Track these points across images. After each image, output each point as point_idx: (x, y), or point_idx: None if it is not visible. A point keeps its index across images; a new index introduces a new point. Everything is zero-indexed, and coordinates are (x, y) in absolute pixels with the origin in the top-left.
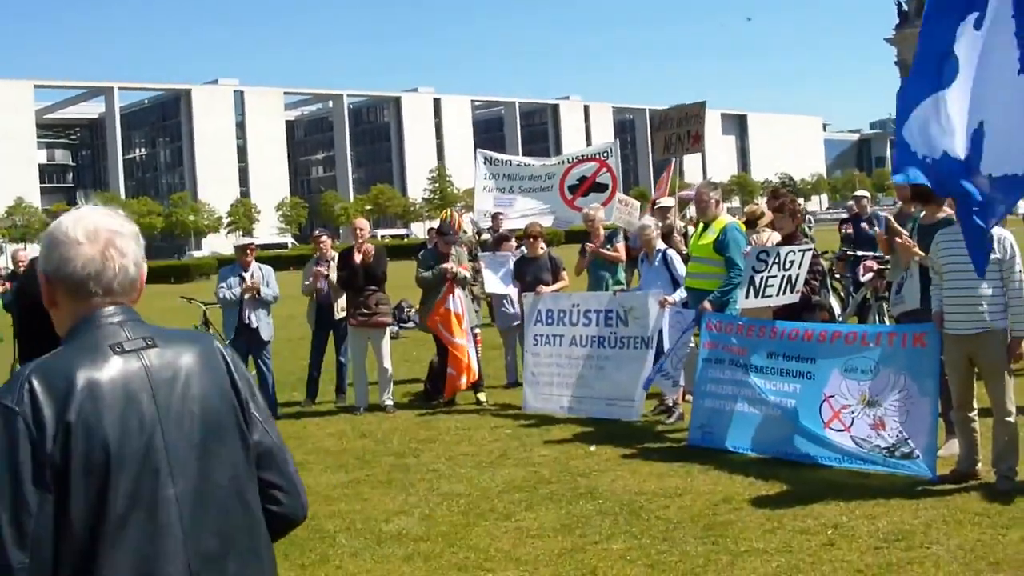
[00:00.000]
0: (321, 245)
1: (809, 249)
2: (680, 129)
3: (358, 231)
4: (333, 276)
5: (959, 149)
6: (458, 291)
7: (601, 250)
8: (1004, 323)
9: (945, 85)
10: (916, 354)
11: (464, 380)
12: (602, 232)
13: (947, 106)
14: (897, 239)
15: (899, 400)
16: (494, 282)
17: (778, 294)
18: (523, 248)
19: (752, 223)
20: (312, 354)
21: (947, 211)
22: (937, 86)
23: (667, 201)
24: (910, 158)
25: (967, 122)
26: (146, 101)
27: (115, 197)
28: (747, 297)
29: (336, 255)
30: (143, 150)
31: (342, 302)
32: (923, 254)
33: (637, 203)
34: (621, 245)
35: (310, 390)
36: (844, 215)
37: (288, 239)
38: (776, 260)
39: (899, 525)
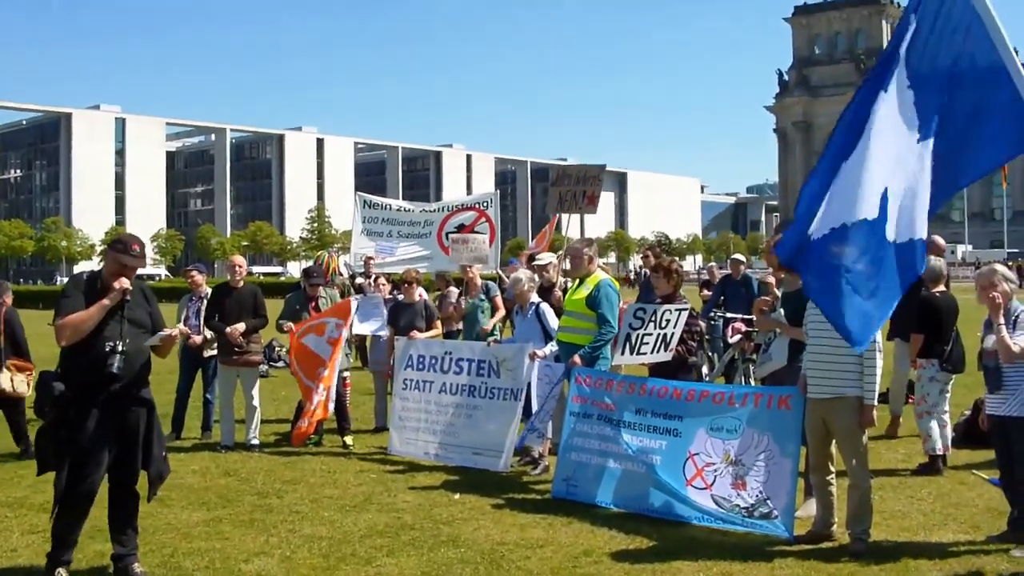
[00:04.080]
0: (190, 281)
1: (686, 309)
2: (576, 188)
3: (236, 268)
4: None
5: (866, 212)
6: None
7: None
8: (857, 390)
9: (847, 154)
10: (780, 416)
11: (305, 424)
12: (479, 282)
13: (852, 171)
14: (760, 316)
15: (762, 460)
16: (363, 324)
17: (653, 351)
18: (398, 293)
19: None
20: (179, 389)
21: None
22: (843, 156)
23: (547, 257)
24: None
25: (876, 187)
26: (23, 122)
27: None
28: (622, 353)
29: (208, 291)
30: (18, 172)
31: (207, 334)
32: (786, 327)
33: (482, 237)
34: (499, 298)
35: (175, 425)
36: (705, 277)
37: (162, 271)
38: (653, 318)
39: None
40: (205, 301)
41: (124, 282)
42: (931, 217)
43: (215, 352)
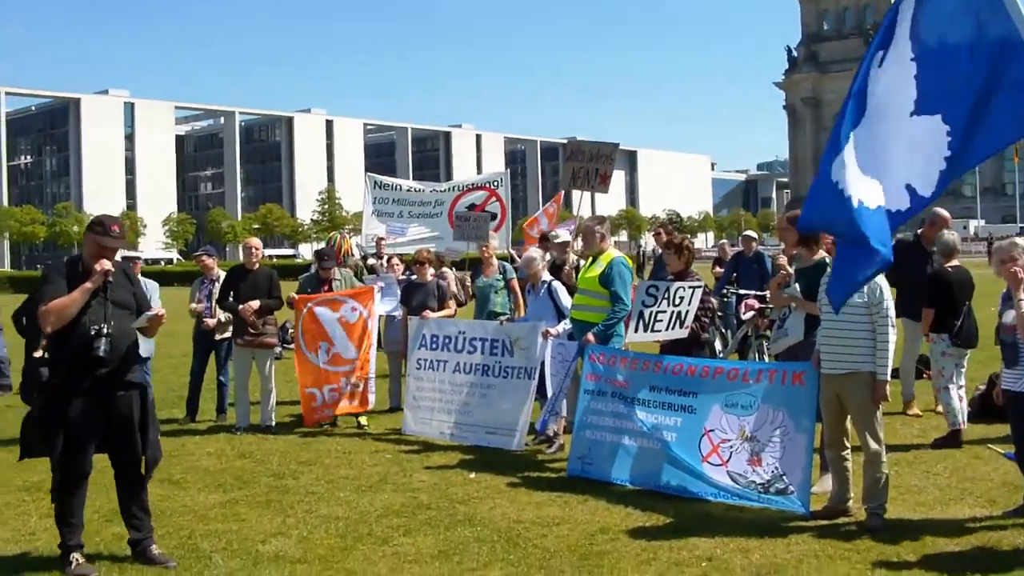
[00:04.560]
0: (201, 265)
1: (699, 286)
2: (589, 165)
3: (252, 250)
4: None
5: (865, 190)
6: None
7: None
8: (870, 366)
9: (854, 126)
10: (795, 392)
11: (327, 411)
12: (495, 262)
13: (857, 146)
14: (775, 291)
15: (777, 436)
16: (379, 304)
17: (667, 329)
18: (411, 273)
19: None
20: (192, 372)
21: (822, 254)
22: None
23: (563, 235)
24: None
25: (875, 161)
26: (33, 108)
27: None
28: (636, 331)
29: (221, 273)
30: (29, 157)
31: (221, 316)
32: (802, 301)
33: (485, 215)
34: (515, 280)
35: (190, 408)
36: (715, 255)
37: (174, 255)
38: (666, 295)
39: (771, 559)
40: (217, 284)
41: (105, 263)
42: (940, 193)
43: (228, 334)
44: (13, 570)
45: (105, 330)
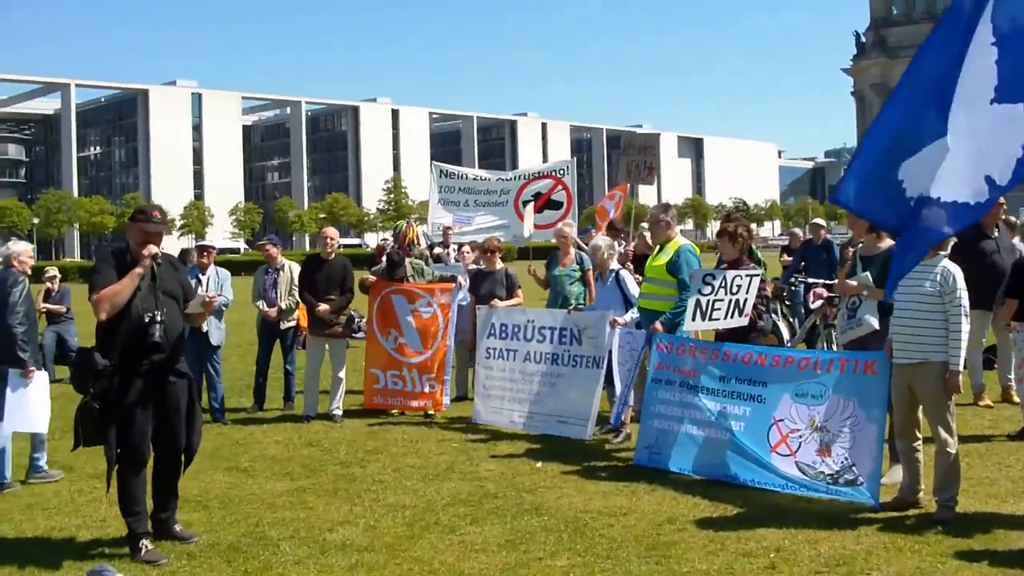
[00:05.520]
0: (265, 254)
1: (757, 274)
2: (639, 158)
3: (328, 240)
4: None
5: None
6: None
7: None
8: (943, 355)
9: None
10: (866, 381)
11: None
12: (572, 251)
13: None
14: (841, 280)
15: (847, 426)
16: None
17: (726, 317)
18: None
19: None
20: (258, 361)
21: (889, 242)
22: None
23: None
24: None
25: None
26: (103, 99)
27: (67, 196)
28: (693, 319)
29: (285, 262)
30: (98, 148)
31: (282, 304)
32: (873, 289)
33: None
34: (590, 272)
35: (257, 396)
36: (785, 242)
37: (241, 244)
38: (723, 284)
39: (840, 551)
40: (280, 273)
41: (152, 248)
42: (1017, 182)
43: (293, 323)
44: (85, 556)
45: (159, 317)
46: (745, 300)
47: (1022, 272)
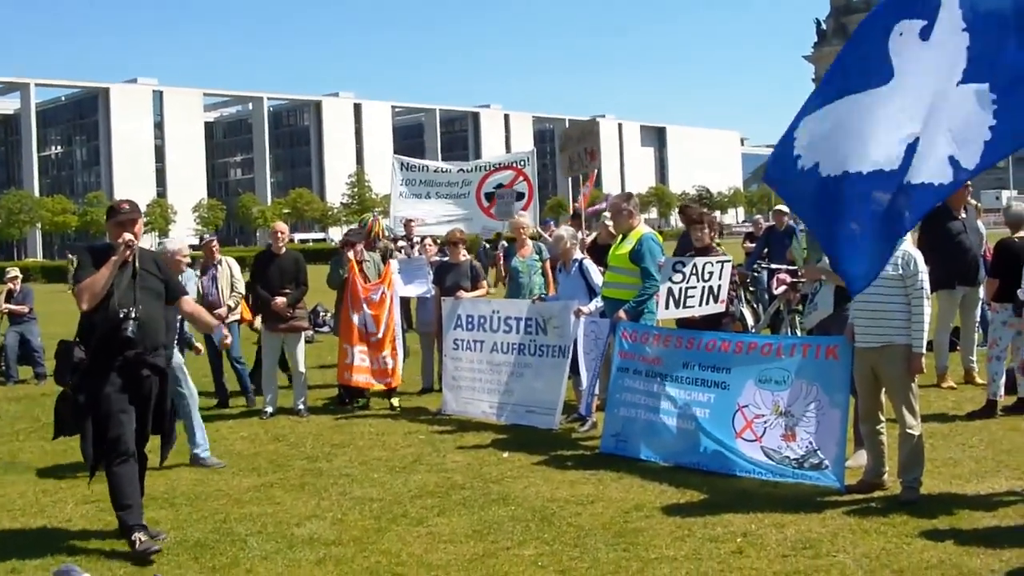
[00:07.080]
0: (206, 251)
1: (728, 260)
2: (578, 147)
3: (279, 234)
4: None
5: (885, 160)
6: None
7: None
8: (905, 338)
9: (871, 86)
10: (828, 366)
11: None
12: (529, 242)
13: (870, 111)
14: (807, 265)
15: (811, 411)
16: (409, 286)
17: (700, 304)
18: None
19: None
20: (211, 360)
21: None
22: (861, 86)
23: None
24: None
25: (902, 134)
26: (63, 98)
27: (28, 195)
28: (667, 307)
29: (222, 259)
30: (59, 148)
31: (230, 302)
32: (832, 274)
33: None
34: (547, 261)
35: (218, 393)
36: (748, 229)
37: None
38: (694, 271)
39: (807, 534)
40: (218, 268)
41: (126, 235)
42: (986, 167)
43: (236, 317)
44: (51, 556)
45: (133, 313)
46: (719, 287)
47: (1006, 253)
